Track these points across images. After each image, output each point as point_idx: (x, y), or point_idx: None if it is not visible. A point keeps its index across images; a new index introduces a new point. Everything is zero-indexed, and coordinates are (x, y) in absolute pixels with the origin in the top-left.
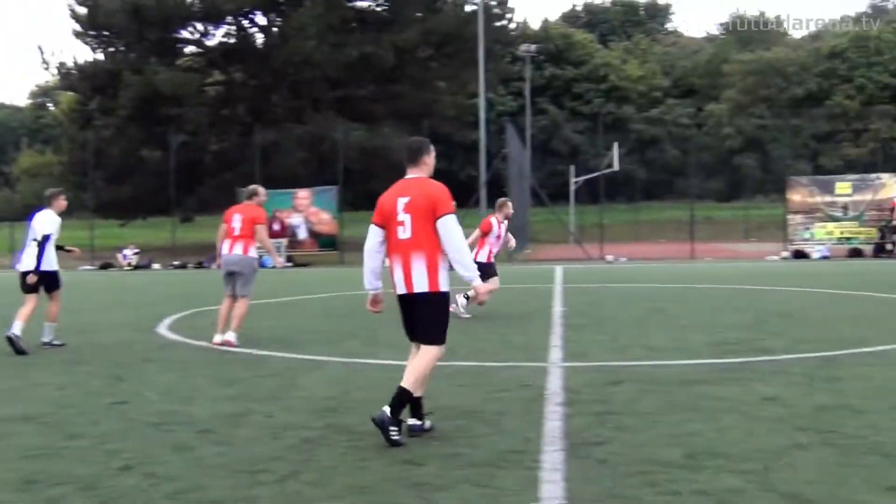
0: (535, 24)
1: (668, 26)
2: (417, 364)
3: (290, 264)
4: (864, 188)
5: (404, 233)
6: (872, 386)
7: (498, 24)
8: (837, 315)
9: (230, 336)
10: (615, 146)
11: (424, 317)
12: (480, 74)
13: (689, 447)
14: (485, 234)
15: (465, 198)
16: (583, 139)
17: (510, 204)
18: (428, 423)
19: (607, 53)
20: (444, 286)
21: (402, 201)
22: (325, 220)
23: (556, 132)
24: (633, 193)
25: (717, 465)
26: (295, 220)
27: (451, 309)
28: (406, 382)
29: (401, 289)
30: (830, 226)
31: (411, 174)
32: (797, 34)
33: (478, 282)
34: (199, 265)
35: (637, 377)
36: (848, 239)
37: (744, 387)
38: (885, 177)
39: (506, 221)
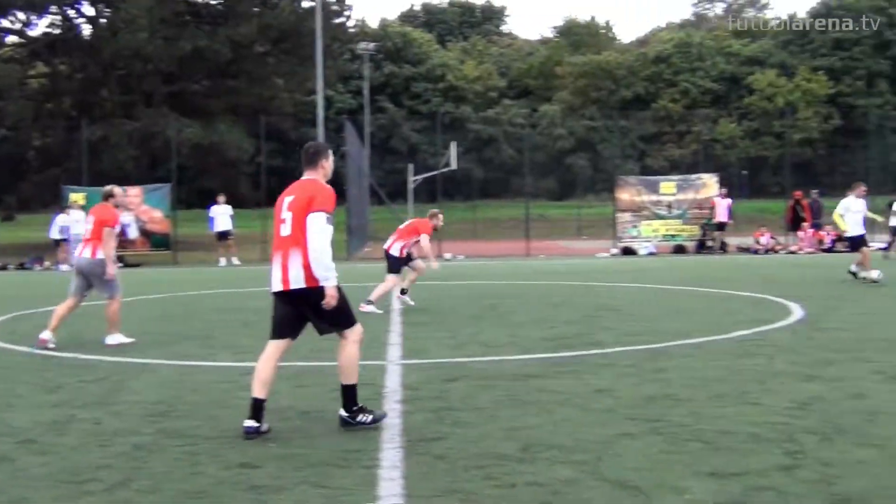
0: (374, 23)
1: (504, 28)
2: (346, 356)
3: (120, 265)
4: (687, 187)
5: (285, 230)
6: (695, 376)
7: (336, 21)
8: (663, 309)
9: (112, 339)
10: (453, 145)
11: (315, 312)
12: (319, 71)
13: (524, 440)
14: (419, 234)
15: None
16: (421, 138)
17: (441, 217)
18: (265, 426)
19: (445, 54)
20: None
21: (287, 200)
22: (157, 218)
23: (394, 130)
24: (471, 192)
25: (551, 457)
26: (125, 218)
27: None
28: (344, 380)
29: (276, 285)
30: (656, 223)
31: (306, 176)
32: (625, 39)
33: (331, 284)
34: (21, 266)
35: (474, 373)
36: (672, 236)
37: (577, 379)
38: (706, 177)
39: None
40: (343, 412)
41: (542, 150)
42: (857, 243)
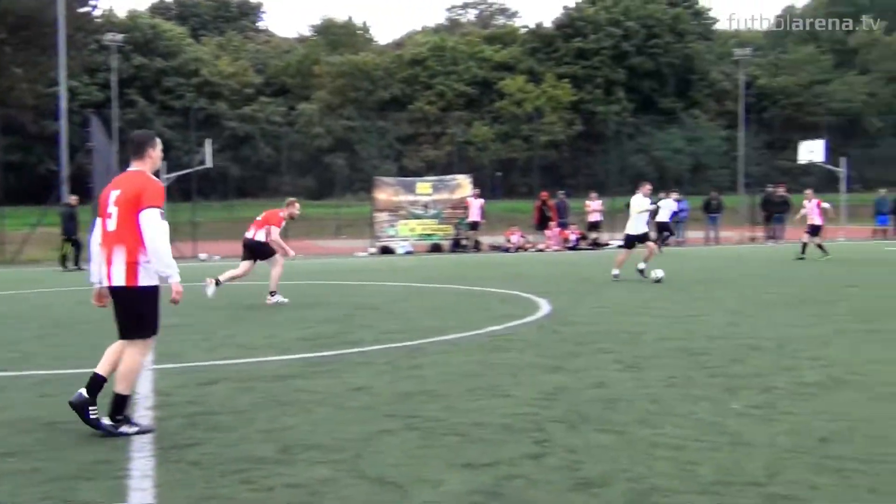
0: (122, 13)
1: (260, 25)
2: (128, 364)
3: None
4: (442, 188)
5: (111, 225)
6: (450, 371)
7: (81, 10)
8: (420, 307)
9: None
10: (208, 142)
11: (123, 312)
12: (61, 62)
13: (283, 441)
14: (272, 225)
15: (45, 193)
16: (174, 134)
17: (297, 205)
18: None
19: (199, 48)
20: (144, 280)
21: (114, 194)
22: None
23: (145, 126)
24: (227, 191)
25: (310, 457)
26: None
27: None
28: (119, 388)
29: (104, 282)
30: (413, 223)
31: (133, 167)
32: (382, 40)
33: (175, 280)
34: None
35: (232, 376)
36: (429, 235)
37: (335, 378)
38: (461, 177)
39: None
40: (105, 420)
41: (301, 148)
42: (640, 239)
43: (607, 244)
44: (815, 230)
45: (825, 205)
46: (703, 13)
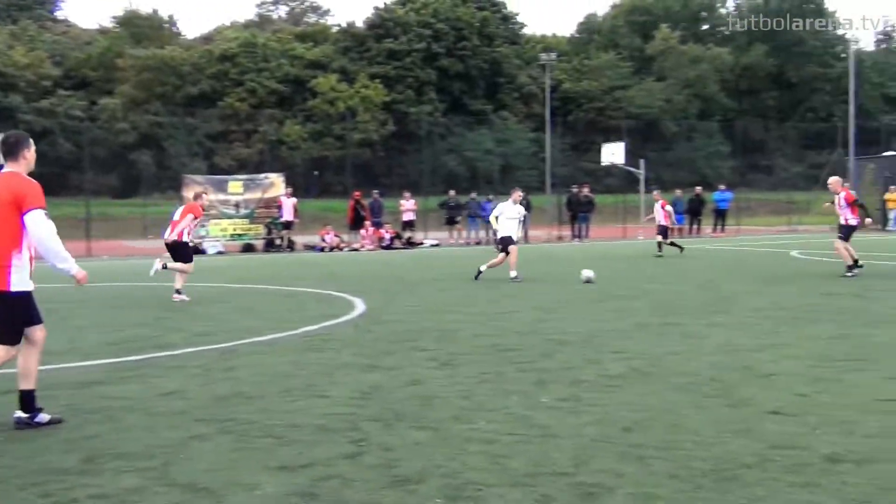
0: None
1: (58, 14)
2: None
3: None
4: (255, 187)
5: None
6: (265, 373)
7: None
8: (233, 307)
9: None
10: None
11: None
12: None
13: (87, 451)
14: (195, 217)
15: None
16: None
17: (205, 196)
18: (45, 416)
19: None
20: (14, 285)
21: None
22: None
23: None
24: None
25: (116, 466)
26: None
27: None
28: None
29: None
30: (224, 223)
31: (7, 169)
32: (189, 35)
33: (75, 269)
34: None
35: None
36: (241, 235)
37: (143, 384)
38: (273, 176)
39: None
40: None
41: (104, 144)
42: (505, 244)
43: (421, 243)
44: (662, 230)
45: (668, 207)
46: (510, 18)
